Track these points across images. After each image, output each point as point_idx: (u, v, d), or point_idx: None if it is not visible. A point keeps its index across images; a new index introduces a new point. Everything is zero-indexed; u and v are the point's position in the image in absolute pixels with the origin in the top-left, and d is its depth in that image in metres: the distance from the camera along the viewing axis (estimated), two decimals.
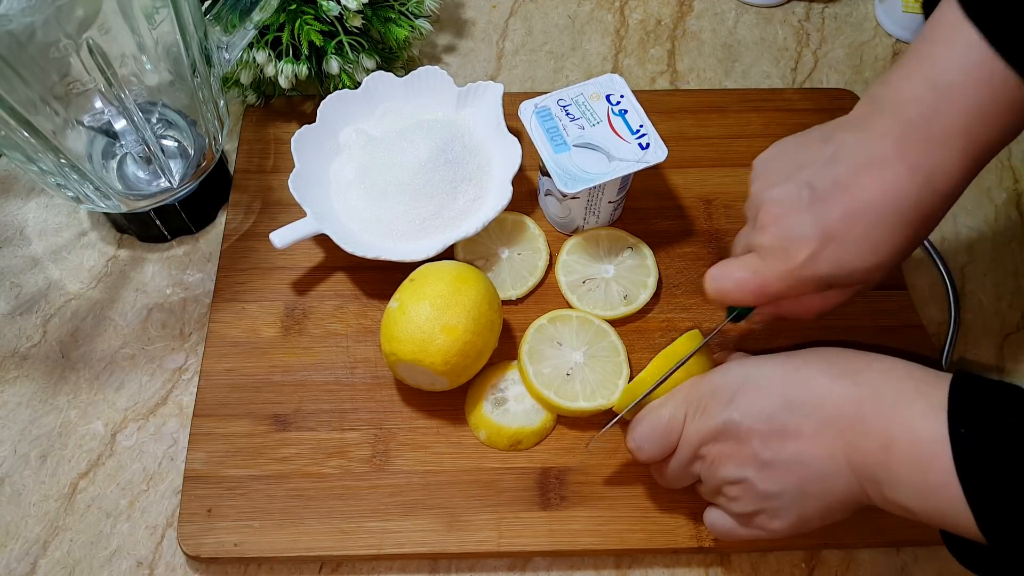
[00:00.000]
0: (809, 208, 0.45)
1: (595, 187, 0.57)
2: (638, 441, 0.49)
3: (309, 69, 0.66)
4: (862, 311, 0.61)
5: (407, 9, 0.68)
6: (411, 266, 0.56)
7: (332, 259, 0.63)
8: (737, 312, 0.52)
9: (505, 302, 0.60)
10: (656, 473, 0.51)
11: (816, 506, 0.44)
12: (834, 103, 0.71)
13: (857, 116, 0.46)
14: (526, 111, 0.59)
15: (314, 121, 0.63)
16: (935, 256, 0.64)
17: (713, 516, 0.49)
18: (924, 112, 0.42)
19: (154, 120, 0.62)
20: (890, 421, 0.40)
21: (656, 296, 0.61)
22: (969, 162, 0.43)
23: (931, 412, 0.39)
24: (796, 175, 0.46)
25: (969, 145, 0.42)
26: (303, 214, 0.59)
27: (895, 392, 0.41)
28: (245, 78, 0.66)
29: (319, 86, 0.69)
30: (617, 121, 0.59)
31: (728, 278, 0.49)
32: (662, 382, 0.49)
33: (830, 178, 0.44)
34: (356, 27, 0.66)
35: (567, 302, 0.60)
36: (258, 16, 0.58)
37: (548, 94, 0.60)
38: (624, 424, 0.52)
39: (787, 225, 0.45)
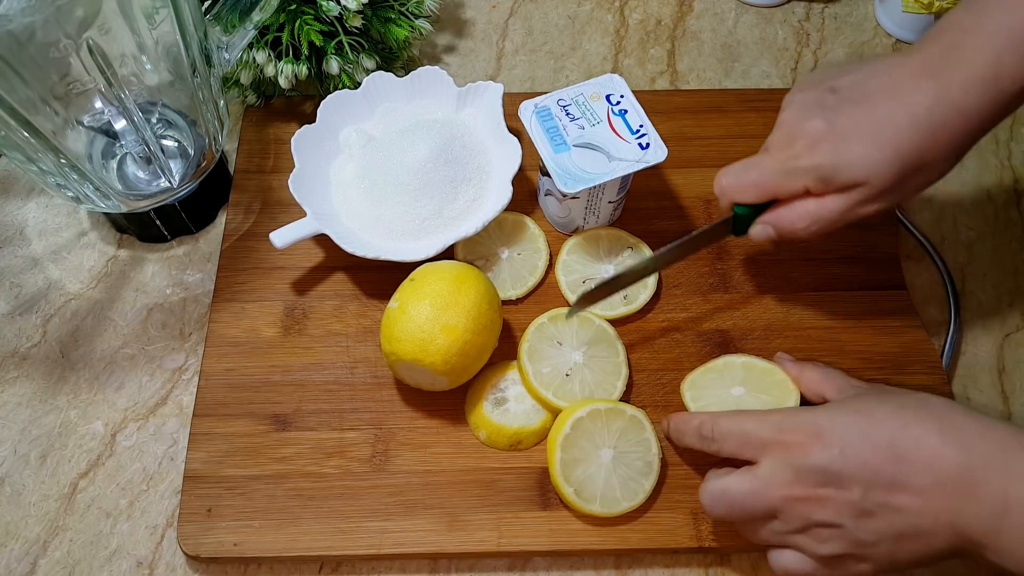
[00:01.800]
0: (826, 108, 0.47)
1: (595, 187, 0.57)
2: (719, 433, 0.47)
3: (309, 69, 0.66)
4: (862, 311, 0.61)
5: (407, 9, 0.68)
6: (411, 266, 0.56)
7: (332, 259, 0.63)
8: (736, 215, 0.52)
9: (505, 302, 0.60)
10: (716, 487, 0.47)
11: (909, 557, 0.43)
12: None
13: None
14: (526, 111, 0.59)
15: (314, 121, 0.63)
16: (935, 256, 0.64)
17: (786, 558, 0.46)
18: (956, 38, 0.45)
19: (154, 120, 0.62)
20: (1004, 493, 0.40)
21: (656, 296, 0.61)
22: (991, 84, 0.44)
23: None
24: (825, 83, 0.48)
25: (992, 64, 0.44)
26: (303, 214, 0.59)
27: (1007, 461, 0.41)
28: (245, 78, 0.66)
29: (319, 86, 0.69)
30: (617, 121, 0.59)
31: (730, 172, 0.50)
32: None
33: (854, 85, 0.47)
34: (356, 27, 0.66)
35: (567, 302, 0.60)
36: (258, 16, 0.58)
37: (548, 94, 0.60)
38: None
39: (799, 121, 0.47)
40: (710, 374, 0.55)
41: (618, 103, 0.59)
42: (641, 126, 0.58)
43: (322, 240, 0.61)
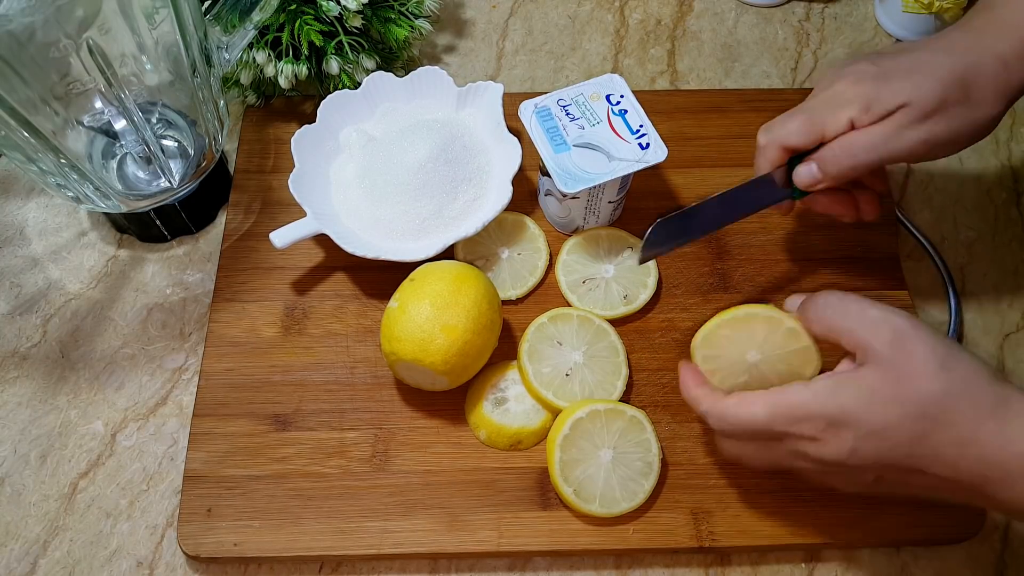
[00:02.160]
0: (867, 60, 0.50)
1: (595, 187, 0.57)
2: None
3: (309, 69, 0.66)
4: None
5: (407, 9, 0.68)
6: (411, 266, 0.56)
7: (332, 259, 0.63)
8: (789, 165, 0.53)
9: (505, 302, 0.60)
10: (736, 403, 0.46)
11: (915, 493, 0.44)
12: None
13: None
14: (526, 111, 0.59)
15: (314, 121, 0.63)
16: (935, 256, 0.64)
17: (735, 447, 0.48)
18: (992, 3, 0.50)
19: (154, 120, 0.62)
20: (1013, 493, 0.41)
21: (656, 296, 0.61)
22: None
23: None
24: (863, 56, 0.51)
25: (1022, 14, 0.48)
26: (303, 214, 0.59)
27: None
28: (245, 78, 0.66)
29: (319, 86, 0.69)
30: (617, 121, 0.59)
31: (774, 122, 0.52)
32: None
33: (891, 49, 0.51)
34: (356, 27, 0.66)
35: (567, 302, 0.60)
36: (258, 16, 0.58)
37: (548, 94, 0.60)
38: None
39: (842, 67, 0.51)
40: (726, 329, 0.50)
41: (618, 103, 0.59)
42: (641, 126, 0.58)
43: (322, 240, 0.61)
